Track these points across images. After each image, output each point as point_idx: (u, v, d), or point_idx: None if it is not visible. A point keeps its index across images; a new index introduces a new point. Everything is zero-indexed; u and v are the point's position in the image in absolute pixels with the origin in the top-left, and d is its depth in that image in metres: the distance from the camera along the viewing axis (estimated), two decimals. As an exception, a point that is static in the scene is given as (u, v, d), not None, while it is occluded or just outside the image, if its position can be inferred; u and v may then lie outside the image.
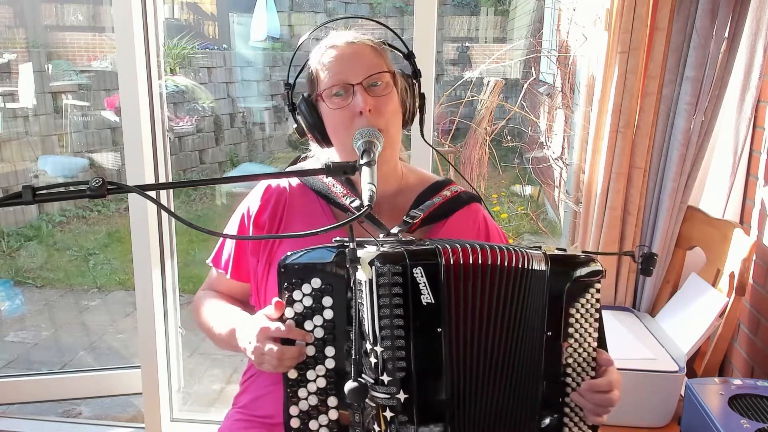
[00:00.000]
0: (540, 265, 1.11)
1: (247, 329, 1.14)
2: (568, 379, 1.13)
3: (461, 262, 1.06)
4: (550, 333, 1.11)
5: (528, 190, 5.25)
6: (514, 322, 1.09)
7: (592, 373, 1.14)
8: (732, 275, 1.70)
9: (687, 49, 1.81)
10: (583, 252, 1.16)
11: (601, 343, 1.17)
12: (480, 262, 1.07)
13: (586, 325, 1.13)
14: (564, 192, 3.31)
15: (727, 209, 1.96)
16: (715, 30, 1.78)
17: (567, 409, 1.14)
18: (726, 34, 1.80)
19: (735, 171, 1.91)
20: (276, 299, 1.09)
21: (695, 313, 1.77)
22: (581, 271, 1.13)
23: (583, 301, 1.13)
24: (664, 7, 1.79)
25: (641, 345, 1.74)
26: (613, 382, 1.14)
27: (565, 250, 1.16)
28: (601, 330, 1.16)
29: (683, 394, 1.59)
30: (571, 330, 1.13)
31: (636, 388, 1.61)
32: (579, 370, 1.13)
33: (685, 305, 1.84)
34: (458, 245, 1.07)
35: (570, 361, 1.13)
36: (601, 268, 1.15)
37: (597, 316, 1.14)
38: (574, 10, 2.91)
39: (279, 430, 1.11)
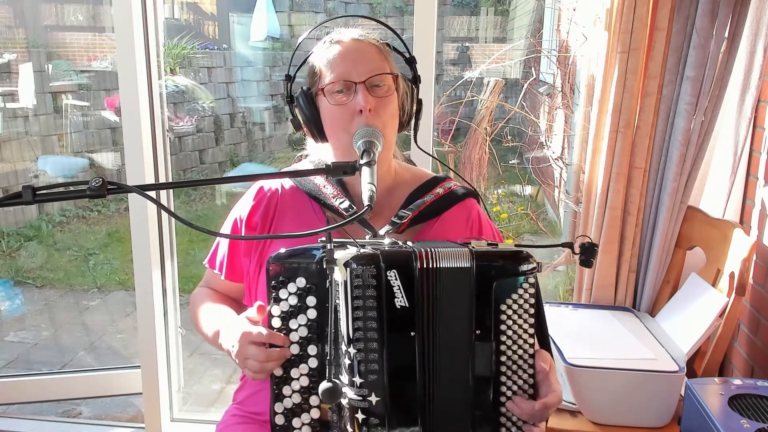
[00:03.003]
0: (464, 262, 1.08)
1: (230, 332, 1.15)
2: (503, 378, 1.09)
3: (437, 266, 1.06)
4: (478, 331, 1.08)
5: (528, 190, 5.25)
6: (458, 321, 1.08)
7: (530, 371, 1.10)
8: (732, 275, 1.70)
9: (687, 49, 1.81)
10: (518, 246, 1.12)
11: (542, 339, 1.14)
12: (458, 265, 1.06)
13: (520, 322, 1.09)
14: (564, 192, 3.32)
15: (727, 209, 1.96)
16: (715, 30, 1.78)
17: (503, 409, 1.10)
18: (726, 34, 1.80)
19: (735, 171, 1.92)
20: (259, 303, 1.10)
21: (695, 313, 1.77)
22: (511, 266, 1.09)
23: (515, 296, 1.09)
24: (664, 7, 1.79)
25: (641, 345, 1.74)
26: (548, 404, 1.07)
27: (496, 245, 1.12)
28: (541, 327, 1.13)
29: (683, 394, 1.59)
30: (503, 327, 1.08)
31: (636, 388, 1.61)
32: (515, 368, 1.10)
33: (685, 305, 1.84)
34: (437, 249, 1.07)
35: (504, 359, 1.09)
36: (533, 264, 1.09)
37: (532, 311, 1.10)
38: (574, 10, 2.92)
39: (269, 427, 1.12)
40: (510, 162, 4.07)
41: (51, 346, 3.64)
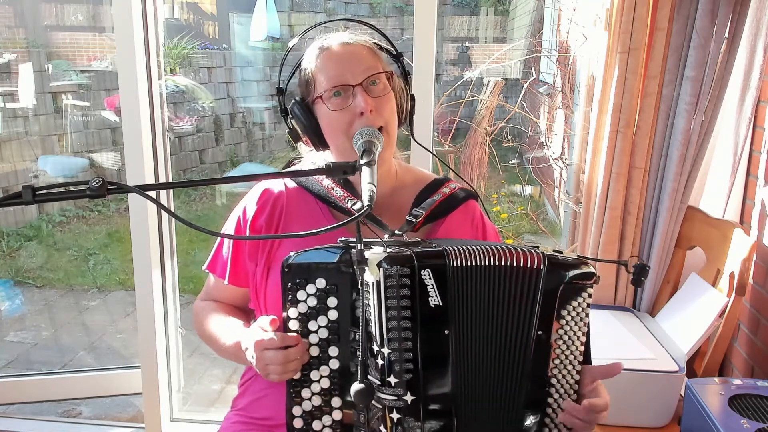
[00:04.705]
0: (537, 264, 1.10)
1: (248, 345, 1.14)
2: (553, 380, 1.12)
3: (469, 264, 1.06)
4: (540, 332, 1.10)
5: (528, 190, 5.25)
6: (512, 320, 1.09)
7: (576, 377, 1.13)
8: (732, 275, 1.70)
9: (687, 49, 1.81)
10: (578, 256, 1.15)
11: (586, 351, 1.15)
12: (487, 263, 1.07)
13: (576, 329, 1.12)
14: (564, 192, 3.31)
15: (727, 209, 1.96)
16: (715, 30, 1.78)
17: (549, 410, 1.12)
18: (726, 34, 1.80)
19: (735, 171, 1.92)
20: (272, 317, 1.09)
21: (695, 313, 1.77)
22: (576, 274, 1.12)
23: (575, 304, 1.12)
24: (664, 7, 1.79)
25: (641, 345, 1.74)
26: (594, 405, 1.11)
27: (561, 252, 1.15)
28: (588, 340, 1.15)
29: (683, 394, 1.59)
30: (561, 332, 1.11)
31: (636, 388, 1.61)
32: (564, 372, 1.12)
33: (685, 305, 1.84)
34: (465, 246, 1.07)
35: (557, 362, 1.12)
36: (595, 272, 1.13)
37: (587, 321, 1.13)
38: (574, 10, 2.91)
39: None
40: (510, 162, 4.07)
41: (51, 346, 3.64)
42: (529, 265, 1.09)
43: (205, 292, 1.41)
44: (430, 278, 1.03)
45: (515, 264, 1.09)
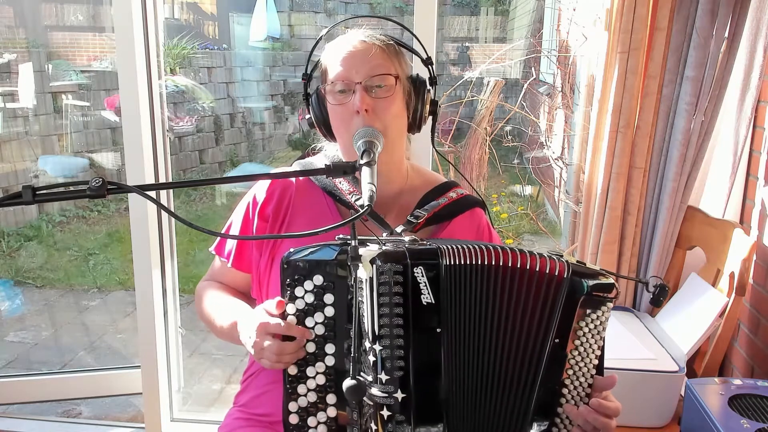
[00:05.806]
0: (557, 272, 1.08)
1: (247, 323, 1.14)
2: (564, 390, 1.11)
3: (463, 262, 1.06)
4: (558, 340, 1.09)
5: (528, 190, 5.25)
6: (521, 324, 1.08)
7: (588, 390, 1.12)
8: (732, 275, 1.70)
9: (687, 49, 1.81)
10: (601, 269, 1.14)
11: (599, 364, 1.14)
12: (483, 263, 1.07)
13: (592, 341, 1.11)
14: (564, 192, 3.31)
15: (727, 209, 1.96)
16: (715, 30, 1.78)
17: (558, 420, 1.11)
18: (726, 34, 1.80)
19: (735, 171, 1.92)
20: (278, 298, 1.09)
21: (695, 313, 1.77)
22: (599, 286, 1.10)
23: (594, 316, 1.10)
24: (664, 7, 1.79)
25: (641, 345, 1.74)
26: (619, 409, 1.11)
27: (584, 263, 1.14)
28: (602, 353, 1.14)
29: (683, 394, 1.59)
30: (577, 342, 1.10)
31: (636, 388, 1.61)
32: (576, 383, 1.11)
33: (685, 305, 1.84)
34: (460, 246, 1.07)
35: (570, 372, 1.11)
36: (616, 285, 1.12)
37: (603, 335, 1.12)
38: (574, 10, 2.91)
39: (278, 428, 1.11)
40: (510, 162, 4.07)
41: (51, 346, 3.64)
42: (547, 270, 1.08)
43: (210, 273, 1.44)
44: (422, 276, 1.03)
45: (519, 266, 1.07)
